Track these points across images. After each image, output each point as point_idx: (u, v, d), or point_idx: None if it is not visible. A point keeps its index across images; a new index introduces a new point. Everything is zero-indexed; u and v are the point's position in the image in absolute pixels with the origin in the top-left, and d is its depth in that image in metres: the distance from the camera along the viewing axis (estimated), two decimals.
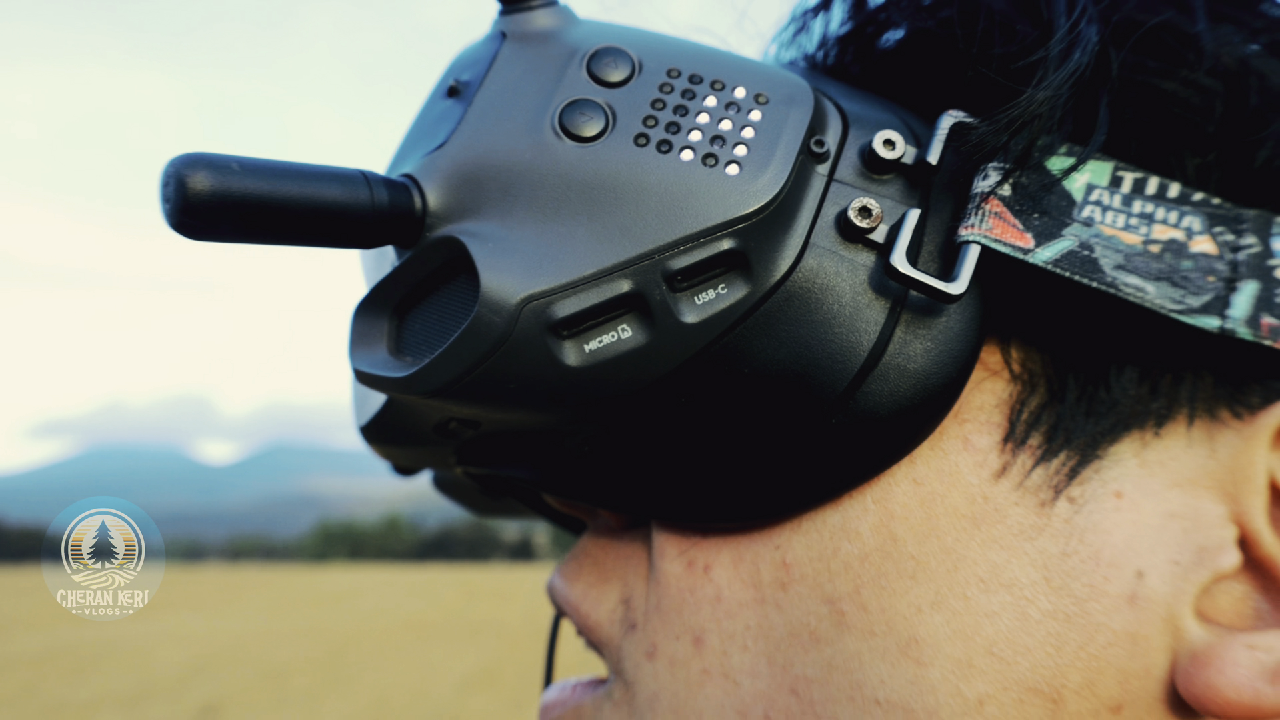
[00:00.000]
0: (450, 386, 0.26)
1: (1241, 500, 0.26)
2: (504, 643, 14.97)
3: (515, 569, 61.00)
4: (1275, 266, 0.26)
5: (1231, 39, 0.27)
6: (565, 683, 0.33)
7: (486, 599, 27.17)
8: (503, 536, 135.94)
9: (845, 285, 0.26)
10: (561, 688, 0.33)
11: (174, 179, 0.23)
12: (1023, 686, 0.25)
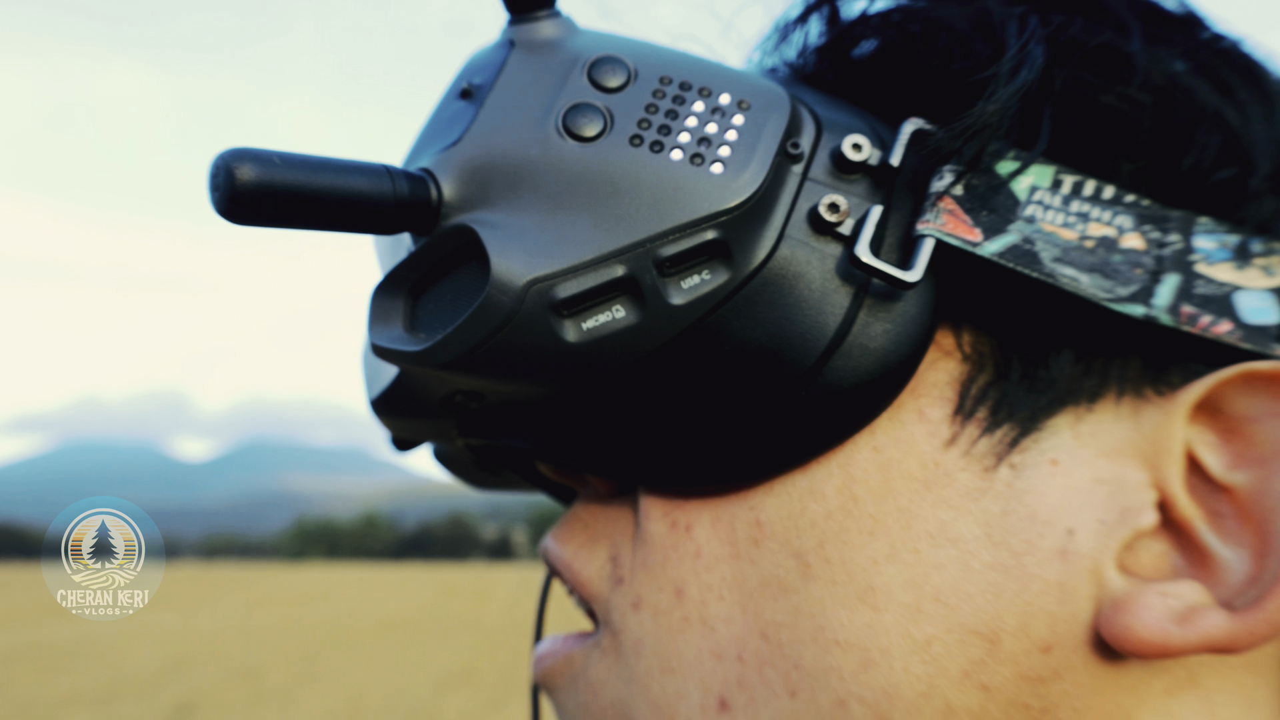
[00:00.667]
0: (461, 359, 0.29)
1: (1161, 468, 0.29)
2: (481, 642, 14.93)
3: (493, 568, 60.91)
4: (1195, 261, 0.29)
5: (1162, 58, 0.30)
6: (555, 636, 0.37)
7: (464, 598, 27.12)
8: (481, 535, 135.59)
9: (815, 272, 0.29)
10: (553, 640, 0.37)
11: (223, 170, 0.26)
12: (965, 629, 0.29)
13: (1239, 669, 0.30)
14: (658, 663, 0.31)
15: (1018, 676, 0.29)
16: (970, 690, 0.29)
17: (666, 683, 0.31)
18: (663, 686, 0.31)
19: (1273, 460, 0.28)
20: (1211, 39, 0.31)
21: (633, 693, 0.32)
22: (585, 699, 0.34)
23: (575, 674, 0.35)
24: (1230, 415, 0.29)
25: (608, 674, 0.33)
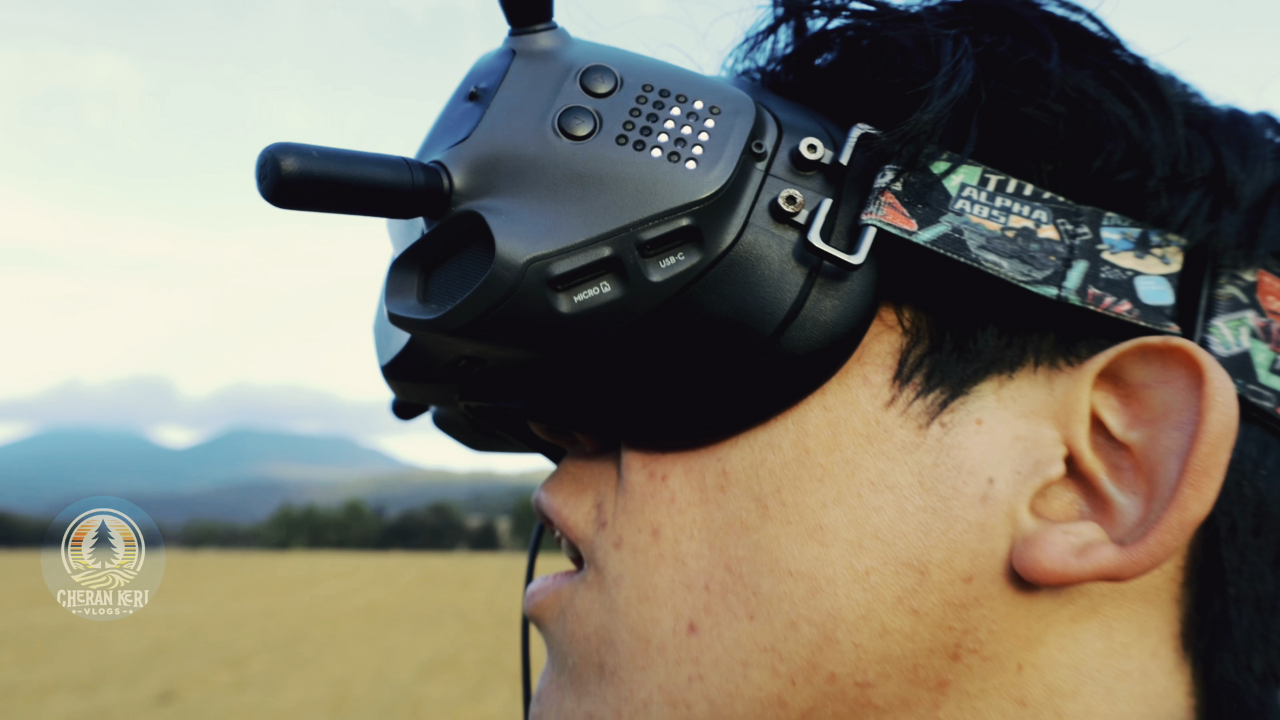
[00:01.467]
0: (468, 326, 0.33)
1: (1070, 427, 0.33)
2: (464, 630, 15.00)
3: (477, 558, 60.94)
4: (1101, 250, 0.34)
5: (1077, 75, 0.34)
6: (545, 576, 0.42)
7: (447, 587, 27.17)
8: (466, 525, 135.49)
9: (774, 255, 0.33)
10: (543, 579, 0.42)
11: (270, 162, 0.30)
12: (899, 562, 0.33)
13: (1134, 600, 0.35)
14: (636, 593, 0.36)
15: (943, 603, 0.33)
16: (903, 614, 0.33)
17: (644, 610, 0.36)
18: (640, 614, 0.36)
19: (1161, 421, 0.32)
20: (1123, 59, 0.36)
21: (614, 620, 0.36)
22: (572, 628, 0.38)
23: (564, 607, 0.39)
24: (1128, 382, 0.34)
25: (592, 605, 0.38)
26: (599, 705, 0.36)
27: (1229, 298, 0.34)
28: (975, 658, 0.34)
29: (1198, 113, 0.36)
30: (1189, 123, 0.35)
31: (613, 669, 0.36)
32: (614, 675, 0.36)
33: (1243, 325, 0.34)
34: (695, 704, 0.34)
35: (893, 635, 0.33)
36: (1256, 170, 0.35)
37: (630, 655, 0.36)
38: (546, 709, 0.39)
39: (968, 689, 0.34)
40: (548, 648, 0.41)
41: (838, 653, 0.33)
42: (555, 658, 0.40)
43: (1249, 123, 0.37)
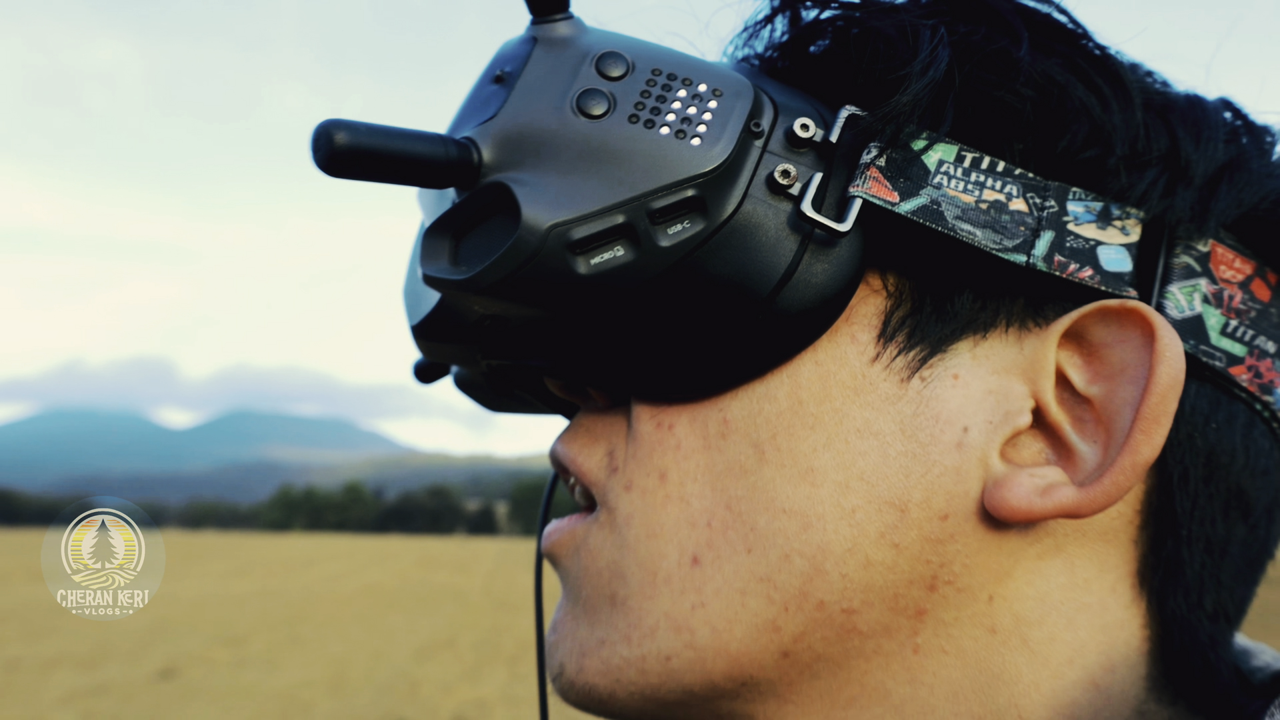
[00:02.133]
0: (496, 286, 0.37)
1: (1038, 382, 0.37)
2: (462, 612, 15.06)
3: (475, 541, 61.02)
4: (1067, 222, 0.37)
5: (1045, 62, 0.37)
6: (561, 518, 0.46)
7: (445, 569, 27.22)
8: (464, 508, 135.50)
9: (771, 223, 0.37)
10: (558, 521, 0.46)
11: (324, 135, 0.34)
12: (882, 501, 0.37)
13: (1095, 540, 0.38)
14: (644, 531, 0.39)
15: (921, 538, 0.36)
16: (885, 547, 0.36)
17: (651, 546, 0.39)
18: (648, 549, 0.39)
19: (1118, 376, 0.36)
20: (1089, 48, 0.39)
21: (623, 555, 0.40)
22: (585, 563, 0.42)
23: (578, 544, 0.43)
24: (1090, 341, 0.37)
25: (604, 542, 0.41)
26: (610, 631, 0.40)
27: (1183, 266, 0.37)
28: (950, 589, 0.37)
29: (1157, 97, 0.39)
30: (1148, 106, 0.38)
31: (623, 599, 0.40)
32: (624, 604, 0.40)
33: (1196, 291, 0.37)
34: (698, 629, 0.38)
35: (876, 567, 0.37)
36: (1209, 150, 0.38)
37: (639, 586, 0.39)
38: (563, 636, 0.43)
39: (943, 617, 0.37)
40: (562, 582, 0.45)
41: (826, 582, 0.37)
42: (569, 591, 0.44)
43: (1205, 107, 0.40)
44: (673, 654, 0.39)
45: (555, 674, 0.43)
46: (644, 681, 0.39)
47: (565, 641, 0.42)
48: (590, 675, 0.41)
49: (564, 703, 0.44)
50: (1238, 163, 0.39)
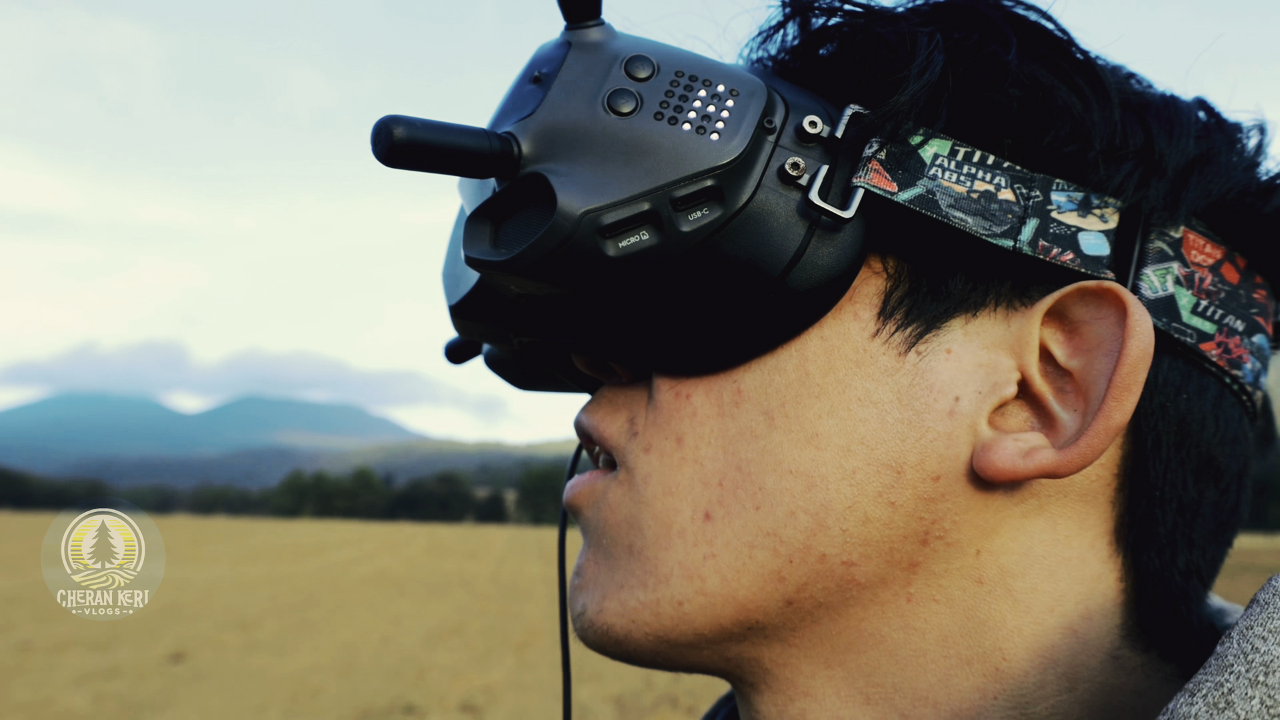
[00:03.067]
0: (533, 266, 0.40)
1: (1023, 356, 0.40)
2: (470, 599, 15.06)
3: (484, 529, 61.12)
4: (1050, 210, 0.40)
5: (1032, 65, 0.41)
6: (582, 473, 0.50)
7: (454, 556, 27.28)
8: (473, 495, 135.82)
9: (782, 211, 0.40)
10: (579, 476, 0.50)
11: (384, 130, 0.37)
12: (880, 463, 0.40)
13: (1076, 500, 0.41)
14: (661, 489, 0.43)
15: (915, 497, 0.40)
16: (882, 505, 0.40)
17: (667, 502, 0.42)
18: (664, 505, 0.43)
19: (1095, 350, 0.39)
20: (1073, 53, 0.42)
21: (641, 510, 0.43)
22: (605, 515, 0.45)
23: (598, 498, 0.46)
24: (1071, 319, 0.40)
25: (622, 498, 0.44)
26: (628, 576, 0.43)
27: (1157, 251, 0.41)
28: (941, 543, 0.40)
29: (1134, 97, 0.43)
30: (1125, 106, 0.42)
31: (639, 549, 0.43)
32: (640, 554, 0.43)
33: (1168, 274, 0.41)
34: (709, 577, 0.42)
35: (873, 523, 0.40)
36: (1181, 145, 0.41)
37: (655, 538, 0.43)
38: (586, 581, 0.46)
39: (934, 569, 0.41)
40: (583, 532, 0.48)
41: (828, 537, 0.40)
42: (590, 540, 0.47)
43: (1179, 106, 0.43)
44: (685, 599, 0.42)
45: (577, 615, 0.46)
46: (657, 623, 0.43)
47: (587, 586, 0.46)
48: (609, 616, 0.44)
49: (584, 645, 0.47)
50: (1208, 156, 0.42)
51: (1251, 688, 0.32)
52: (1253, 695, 0.32)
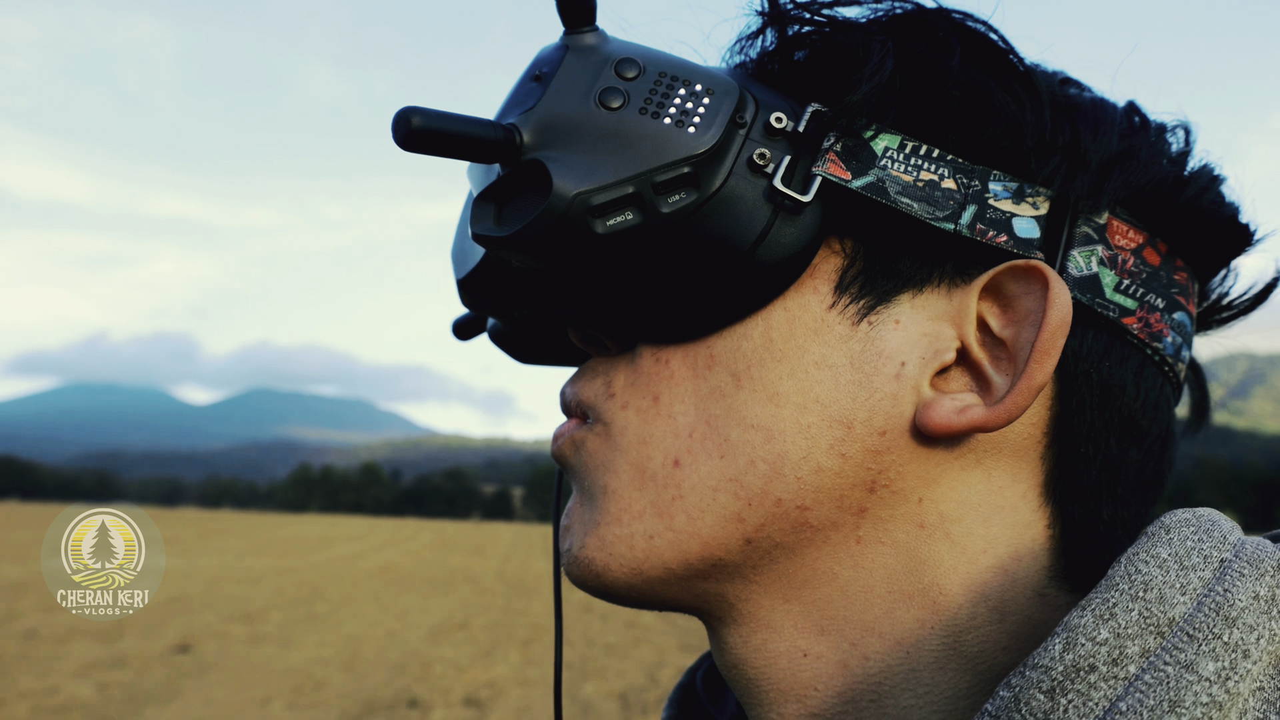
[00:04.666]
0: (531, 241, 0.45)
1: (963, 327, 0.44)
2: (476, 595, 15.10)
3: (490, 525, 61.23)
4: (988, 198, 0.44)
5: (972, 70, 0.45)
6: (563, 423, 0.54)
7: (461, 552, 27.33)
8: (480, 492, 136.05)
9: (750, 195, 0.44)
10: (560, 426, 0.54)
11: (403, 118, 0.42)
12: (833, 419, 0.44)
13: (1009, 455, 0.46)
14: (636, 439, 0.48)
15: (864, 450, 0.44)
16: (834, 457, 0.44)
17: (642, 450, 0.48)
18: (639, 453, 0.48)
19: (1024, 320, 0.44)
20: (1011, 60, 0.47)
21: (617, 457, 0.49)
22: (585, 460, 0.50)
23: (578, 445, 0.51)
24: (1004, 294, 0.45)
25: (600, 447, 0.50)
26: (604, 514, 0.48)
27: (1083, 235, 0.45)
28: (887, 491, 0.45)
29: (1065, 100, 0.47)
30: (1055, 107, 0.46)
31: (615, 489, 0.48)
32: (616, 494, 0.48)
33: (1093, 255, 0.45)
34: (676, 515, 0.46)
35: (825, 472, 0.44)
36: (1104, 142, 0.46)
37: (629, 480, 0.48)
38: (573, 522, 0.51)
39: (881, 514, 0.45)
40: (570, 479, 0.53)
41: (784, 484, 0.45)
42: (576, 485, 0.52)
43: (1106, 108, 0.48)
44: (655, 533, 0.47)
45: (564, 554, 0.51)
46: (631, 556, 0.47)
47: (573, 527, 0.51)
48: (590, 550, 0.49)
49: (571, 583, 0.52)
50: (1130, 152, 0.47)
51: (1132, 602, 0.37)
52: (1132, 608, 0.37)
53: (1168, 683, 0.35)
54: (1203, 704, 0.35)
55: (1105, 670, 0.36)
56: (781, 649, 0.47)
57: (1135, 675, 0.36)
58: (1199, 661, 0.36)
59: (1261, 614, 0.37)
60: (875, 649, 0.45)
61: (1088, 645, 0.36)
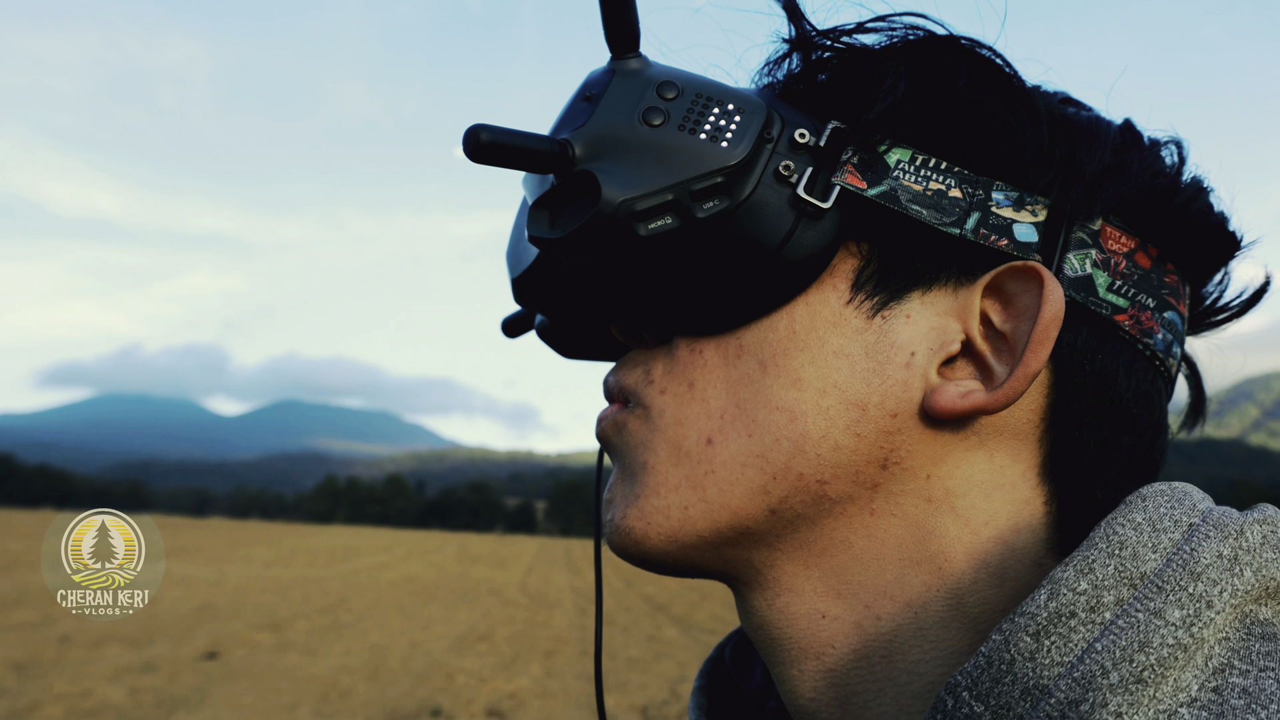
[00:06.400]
0: (582, 242, 0.50)
1: (967, 321, 0.49)
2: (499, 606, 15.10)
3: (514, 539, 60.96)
4: (991, 205, 0.49)
5: (977, 92, 0.50)
6: (607, 407, 0.59)
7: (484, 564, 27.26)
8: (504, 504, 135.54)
9: (776, 202, 0.49)
10: (605, 409, 0.59)
11: (473, 134, 0.47)
12: (849, 402, 0.49)
13: (1010, 438, 0.49)
14: (673, 420, 0.52)
15: (877, 430, 0.48)
16: (850, 436, 0.48)
17: (678, 430, 0.52)
18: (675, 433, 0.52)
19: (1022, 315, 0.47)
20: (1013, 81, 0.51)
21: (655, 436, 0.53)
22: (627, 439, 0.55)
23: (620, 426, 0.56)
24: (1005, 292, 0.48)
25: (640, 428, 0.54)
26: (644, 488, 0.53)
27: (1078, 239, 0.49)
28: (898, 468, 0.49)
29: (1063, 118, 0.52)
30: (1053, 124, 0.51)
31: (653, 465, 0.53)
32: (655, 469, 0.53)
33: (1087, 258, 0.49)
34: (708, 488, 0.51)
35: (843, 450, 0.49)
36: (1097, 156, 0.50)
37: (666, 457, 0.53)
38: (615, 496, 0.56)
39: (892, 489, 0.49)
40: (612, 459, 0.58)
41: (805, 460, 0.49)
42: (617, 463, 0.57)
43: (1101, 124, 0.52)
44: (689, 504, 0.51)
45: (606, 524, 0.56)
46: (668, 525, 0.52)
47: (615, 501, 0.55)
48: (630, 520, 0.53)
49: (612, 551, 0.56)
50: (1122, 165, 0.51)
51: (1109, 558, 0.42)
52: (1109, 564, 0.41)
53: (1138, 626, 0.39)
54: (1169, 645, 0.39)
55: (1084, 616, 0.40)
56: (802, 611, 0.51)
57: (1110, 620, 0.40)
58: (1166, 609, 0.40)
59: (1224, 571, 0.41)
60: (886, 610, 0.49)
61: (1069, 595, 0.41)
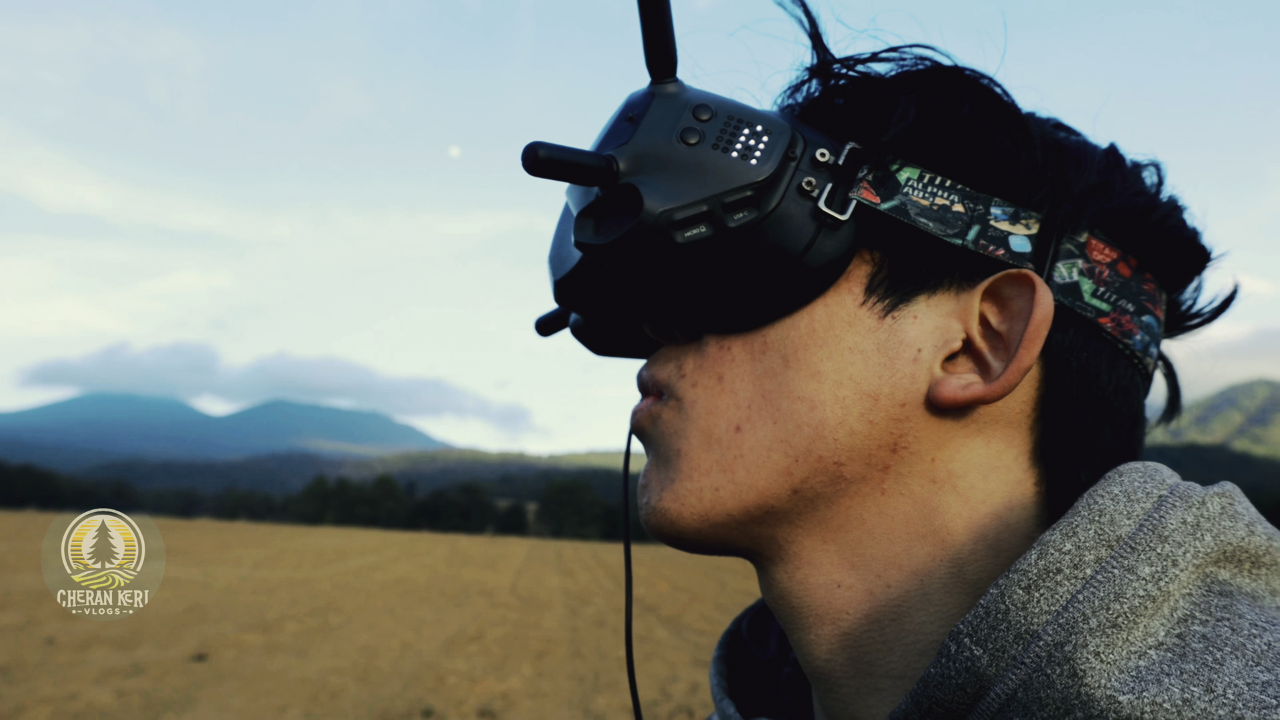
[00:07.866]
0: (625, 248, 0.55)
1: (968, 322, 0.54)
2: (490, 608, 15.12)
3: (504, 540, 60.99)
4: (990, 219, 0.54)
5: (979, 118, 0.55)
6: (642, 400, 0.63)
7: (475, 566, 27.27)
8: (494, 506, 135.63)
9: (799, 214, 0.54)
10: (640, 402, 0.64)
11: (532, 150, 0.52)
12: (863, 393, 0.54)
13: (1005, 426, 0.55)
14: (704, 410, 0.58)
15: (887, 418, 0.54)
16: (863, 423, 0.54)
17: (708, 419, 0.57)
18: (706, 422, 0.57)
19: (1017, 317, 0.53)
20: (1011, 109, 0.56)
21: (688, 425, 0.58)
22: (661, 429, 0.60)
23: (655, 417, 0.61)
24: (1001, 296, 0.54)
25: (673, 418, 0.59)
26: (678, 472, 0.58)
27: (1067, 250, 0.55)
28: (906, 452, 0.54)
29: (1054, 142, 0.57)
30: (1046, 148, 0.56)
31: (686, 452, 0.58)
32: (688, 456, 0.58)
33: (1074, 267, 0.54)
34: (737, 471, 0.56)
35: (857, 435, 0.54)
36: (1084, 177, 0.56)
37: (698, 444, 0.58)
38: (650, 481, 0.61)
39: (900, 470, 0.55)
40: (645, 448, 0.63)
41: (824, 444, 0.54)
42: (651, 451, 0.62)
43: (1088, 149, 0.58)
44: (720, 486, 0.57)
45: (642, 506, 0.60)
46: (700, 505, 0.57)
47: (650, 485, 0.60)
48: (665, 502, 0.58)
49: (648, 531, 0.61)
50: (1106, 185, 0.56)
51: (1089, 524, 0.47)
52: (1089, 528, 0.47)
53: (1114, 580, 0.45)
54: (1140, 596, 0.45)
55: (1068, 572, 0.46)
56: (820, 581, 0.56)
57: (1090, 576, 0.46)
58: (1138, 566, 0.45)
59: (1188, 535, 0.47)
60: (895, 579, 0.54)
61: (1055, 554, 0.46)
